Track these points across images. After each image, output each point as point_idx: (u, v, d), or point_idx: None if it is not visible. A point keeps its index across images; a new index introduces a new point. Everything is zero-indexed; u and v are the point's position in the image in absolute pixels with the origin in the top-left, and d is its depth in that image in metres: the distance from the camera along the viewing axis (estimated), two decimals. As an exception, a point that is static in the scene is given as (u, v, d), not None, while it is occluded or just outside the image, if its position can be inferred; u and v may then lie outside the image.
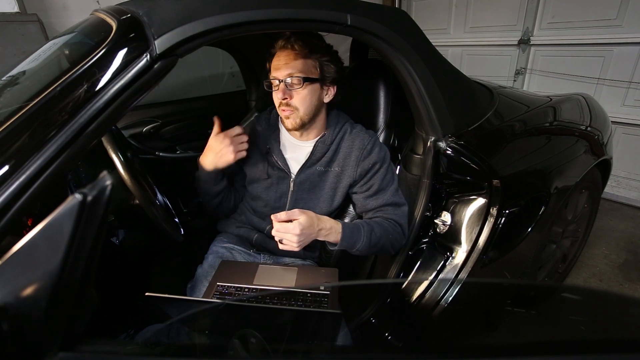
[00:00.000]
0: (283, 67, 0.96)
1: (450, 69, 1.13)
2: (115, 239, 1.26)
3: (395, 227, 1.03)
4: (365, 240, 0.97)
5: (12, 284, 0.37)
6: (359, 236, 0.97)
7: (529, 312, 1.04)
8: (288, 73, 0.95)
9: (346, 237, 0.96)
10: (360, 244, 0.97)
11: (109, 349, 0.43)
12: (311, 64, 0.97)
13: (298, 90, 0.96)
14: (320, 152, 1.05)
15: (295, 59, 0.95)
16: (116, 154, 0.94)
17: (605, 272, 1.82)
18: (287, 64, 0.95)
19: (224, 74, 2.51)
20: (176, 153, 1.81)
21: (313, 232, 0.92)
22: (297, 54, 0.95)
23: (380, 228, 1.00)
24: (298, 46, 0.95)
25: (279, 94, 0.97)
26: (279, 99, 0.97)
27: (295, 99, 0.97)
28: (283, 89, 0.96)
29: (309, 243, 0.93)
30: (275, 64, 0.97)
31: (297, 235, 0.88)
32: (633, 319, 0.50)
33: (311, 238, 0.93)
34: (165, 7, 0.66)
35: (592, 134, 1.48)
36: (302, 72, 0.96)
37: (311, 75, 0.97)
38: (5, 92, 0.75)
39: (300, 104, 0.98)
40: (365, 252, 1.00)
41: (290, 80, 0.95)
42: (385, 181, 1.05)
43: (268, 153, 1.08)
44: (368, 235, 0.98)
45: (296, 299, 0.91)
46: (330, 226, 0.95)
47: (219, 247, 1.14)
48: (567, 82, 2.55)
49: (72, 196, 0.34)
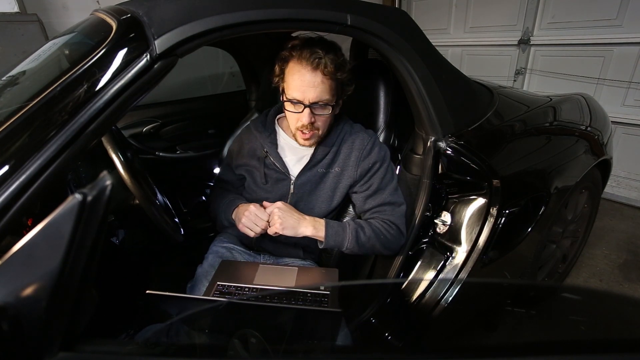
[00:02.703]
0: (310, 91, 0.90)
1: (450, 69, 1.13)
2: (115, 239, 1.27)
3: (390, 228, 1.02)
4: (352, 239, 0.98)
5: (12, 284, 0.37)
6: (344, 235, 0.98)
7: (529, 312, 1.04)
8: (317, 99, 0.91)
9: (330, 234, 0.98)
10: (348, 242, 0.98)
11: (109, 348, 0.43)
12: (335, 86, 0.94)
13: (324, 114, 0.95)
14: (321, 154, 1.05)
15: (323, 82, 0.90)
16: (116, 154, 0.94)
17: (605, 272, 1.82)
18: (315, 87, 0.90)
19: (224, 74, 2.51)
20: (176, 153, 1.81)
21: (296, 219, 0.97)
22: (326, 76, 0.90)
23: (370, 228, 1.00)
24: (330, 69, 0.89)
25: (303, 117, 0.93)
26: (303, 122, 0.94)
27: (319, 121, 0.96)
28: (309, 113, 0.92)
29: (296, 233, 0.97)
30: (300, 84, 0.90)
31: (277, 211, 0.95)
32: (633, 319, 0.50)
33: (295, 226, 0.96)
34: (165, 7, 0.66)
35: (592, 134, 1.48)
36: (330, 97, 0.93)
37: (336, 98, 0.96)
38: (5, 92, 0.75)
39: (323, 125, 0.98)
40: (357, 251, 1.01)
41: (317, 104, 0.92)
42: (384, 181, 1.05)
43: (266, 156, 1.07)
44: (354, 234, 0.98)
45: (296, 299, 0.91)
46: (311, 220, 0.99)
47: (219, 247, 1.14)
48: (567, 82, 2.55)
49: (72, 196, 0.34)
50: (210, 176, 1.77)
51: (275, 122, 1.12)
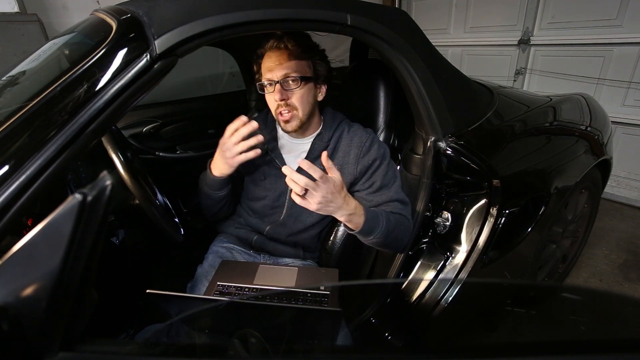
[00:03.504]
0: (277, 68, 0.94)
1: (450, 69, 1.13)
2: (115, 239, 1.26)
3: (405, 220, 1.00)
4: (384, 227, 0.93)
5: (12, 284, 0.37)
6: (379, 221, 0.93)
7: (529, 312, 1.04)
8: (284, 73, 0.94)
9: (369, 220, 0.91)
10: (379, 231, 0.92)
11: (109, 349, 0.43)
12: (304, 63, 0.97)
13: (295, 90, 0.96)
14: (318, 149, 1.05)
15: (289, 59, 0.94)
16: (116, 154, 0.94)
17: (605, 272, 1.82)
18: (281, 64, 0.94)
19: (224, 74, 2.51)
20: (176, 153, 1.81)
21: (338, 200, 0.84)
22: (291, 54, 0.94)
23: (394, 218, 0.98)
24: (291, 45, 0.94)
25: (275, 95, 0.95)
26: (276, 100, 0.96)
27: (293, 99, 0.97)
28: (280, 89, 0.95)
29: (329, 213, 0.86)
30: (268, 65, 0.95)
31: (323, 189, 0.80)
32: (633, 319, 0.50)
33: (332, 207, 0.84)
34: (165, 7, 0.66)
35: (592, 134, 1.48)
36: (298, 71, 0.95)
37: (306, 74, 0.97)
38: (5, 92, 0.75)
39: (299, 103, 0.97)
40: (380, 242, 0.95)
41: (287, 80, 0.94)
42: (387, 178, 1.04)
43: (266, 153, 1.08)
44: (386, 221, 0.94)
45: (296, 299, 0.91)
46: (355, 205, 0.90)
47: (219, 247, 1.14)
48: (567, 82, 2.55)
49: (72, 196, 0.34)
50: (210, 176, 1.77)
51: (275, 119, 1.12)
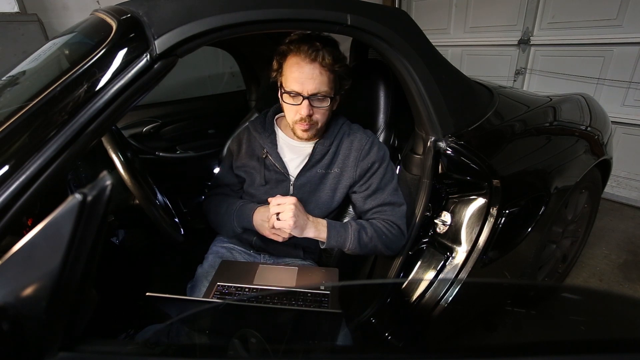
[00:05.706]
0: (309, 82, 0.91)
1: (450, 69, 1.13)
2: (115, 239, 1.27)
3: (392, 228, 1.02)
4: (354, 240, 0.98)
5: (12, 284, 0.37)
6: (346, 235, 0.98)
7: (529, 312, 1.04)
8: (315, 90, 0.92)
9: (332, 235, 0.98)
10: (350, 243, 0.98)
11: (109, 349, 0.43)
12: (332, 78, 0.95)
13: (322, 106, 0.96)
14: (319, 153, 1.05)
15: (321, 74, 0.91)
16: (116, 154, 0.94)
17: (605, 272, 1.82)
18: (313, 79, 0.91)
19: (224, 74, 2.51)
20: (176, 153, 1.81)
21: (305, 219, 0.95)
22: (324, 68, 0.91)
23: (372, 229, 1.00)
24: (328, 61, 0.90)
25: (302, 110, 0.94)
26: (301, 114, 0.94)
27: (317, 114, 0.96)
28: (307, 105, 0.93)
29: (302, 234, 0.96)
30: (298, 76, 0.91)
31: (293, 207, 0.91)
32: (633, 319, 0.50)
33: (303, 226, 0.95)
34: (165, 7, 0.66)
35: (592, 134, 1.48)
36: (328, 89, 0.94)
37: (334, 91, 0.96)
38: (5, 92, 0.75)
39: (322, 118, 0.98)
40: (359, 252, 1.01)
41: (316, 96, 0.93)
42: (384, 180, 1.04)
43: (266, 157, 1.07)
44: (356, 234, 0.98)
45: (296, 299, 0.91)
46: (314, 220, 0.98)
47: (219, 247, 1.14)
48: (567, 82, 2.54)
49: (72, 196, 0.34)
50: (210, 176, 1.77)
51: (274, 122, 1.12)
